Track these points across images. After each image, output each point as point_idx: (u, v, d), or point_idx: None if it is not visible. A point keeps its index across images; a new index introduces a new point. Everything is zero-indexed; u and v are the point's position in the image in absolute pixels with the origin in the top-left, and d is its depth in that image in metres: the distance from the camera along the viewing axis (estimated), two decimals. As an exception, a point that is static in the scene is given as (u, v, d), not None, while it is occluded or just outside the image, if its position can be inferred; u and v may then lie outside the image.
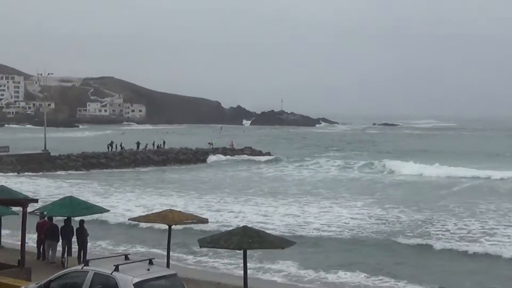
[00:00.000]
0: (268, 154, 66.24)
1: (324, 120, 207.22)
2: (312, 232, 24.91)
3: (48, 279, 9.57)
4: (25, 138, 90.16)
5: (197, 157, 60.88)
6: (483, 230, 24.90)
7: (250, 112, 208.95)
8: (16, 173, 47.87)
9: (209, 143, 69.71)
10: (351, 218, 28.07)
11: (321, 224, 26.43)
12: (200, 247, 11.80)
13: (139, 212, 27.28)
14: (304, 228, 25.61)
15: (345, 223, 26.83)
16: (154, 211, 17.48)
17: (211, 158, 61.63)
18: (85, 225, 16.72)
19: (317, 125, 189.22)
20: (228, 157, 63.14)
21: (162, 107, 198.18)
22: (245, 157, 63.68)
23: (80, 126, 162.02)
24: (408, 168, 51.62)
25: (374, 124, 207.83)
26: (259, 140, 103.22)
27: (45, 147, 54.70)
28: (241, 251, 11.50)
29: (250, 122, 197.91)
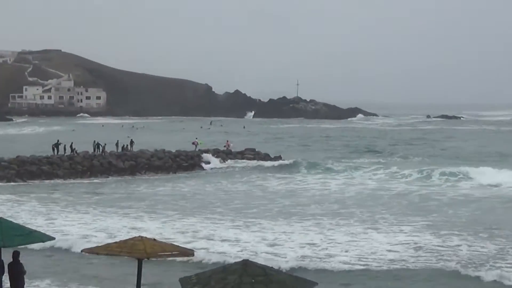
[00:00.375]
0: (278, 158, 66.39)
1: (357, 110, 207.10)
2: (339, 267, 25.04)
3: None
4: None
5: (178, 163, 61.10)
6: None
7: (252, 100, 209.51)
8: None
9: (193, 143, 69.89)
10: (392, 249, 28.17)
11: (351, 257, 26.55)
12: (182, 289, 11.88)
13: (97, 240, 27.42)
14: (327, 262, 25.74)
15: (383, 255, 26.93)
16: (117, 239, 17.53)
17: (208, 164, 62.01)
18: (21, 259, 16.84)
19: (350, 118, 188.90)
20: (223, 162, 63.29)
21: (130, 92, 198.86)
22: (246, 163, 63.86)
23: (15, 120, 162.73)
24: (479, 179, 51.63)
25: (428, 116, 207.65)
26: (265, 139, 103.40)
27: (-35, 149, 54.82)
28: (239, 295, 11.56)
29: (253, 113, 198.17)
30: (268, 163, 63.65)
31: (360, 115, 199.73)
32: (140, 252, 14.03)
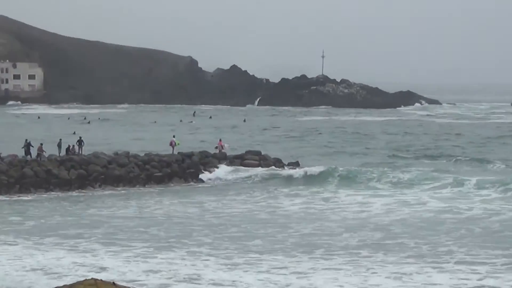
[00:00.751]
0: (295, 166, 66.58)
1: (411, 95, 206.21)
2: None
3: None
4: None
5: (148, 172, 61.09)
6: None
7: (257, 80, 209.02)
8: None
9: (170, 144, 69.89)
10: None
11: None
12: None
13: (30, 284, 27.39)
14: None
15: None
16: (61, 283, 17.78)
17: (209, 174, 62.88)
18: None
19: (401, 108, 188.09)
20: (213, 171, 63.50)
21: (79, 69, 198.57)
22: (248, 172, 63.80)
23: None
24: None
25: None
26: (276, 137, 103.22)
27: None
28: None
29: (257, 100, 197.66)
30: (280, 173, 63.64)
31: (416, 104, 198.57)
32: (94, 300, 14.27)
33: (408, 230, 42.07)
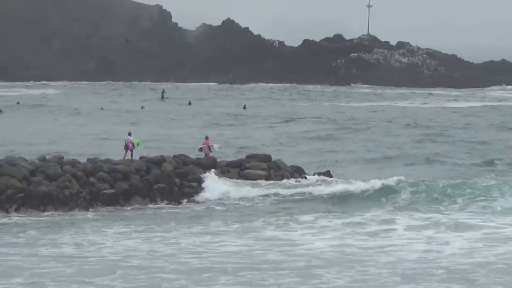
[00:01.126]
0: (326, 176, 67.34)
1: (506, 66, 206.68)
2: None
3: None
4: None
5: (94, 188, 61.51)
6: None
7: (264, 43, 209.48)
8: None
9: (127, 146, 69.75)
10: None
11: None
12: None
13: None
14: None
15: None
16: None
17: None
18: None
19: (492, 87, 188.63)
20: (202, 185, 64.15)
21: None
22: (249, 187, 64.42)
23: None
24: None
25: None
26: (293, 135, 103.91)
27: None
28: None
29: (266, 75, 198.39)
30: (300, 190, 64.67)
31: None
32: None
33: (501, 280, 42.25)
